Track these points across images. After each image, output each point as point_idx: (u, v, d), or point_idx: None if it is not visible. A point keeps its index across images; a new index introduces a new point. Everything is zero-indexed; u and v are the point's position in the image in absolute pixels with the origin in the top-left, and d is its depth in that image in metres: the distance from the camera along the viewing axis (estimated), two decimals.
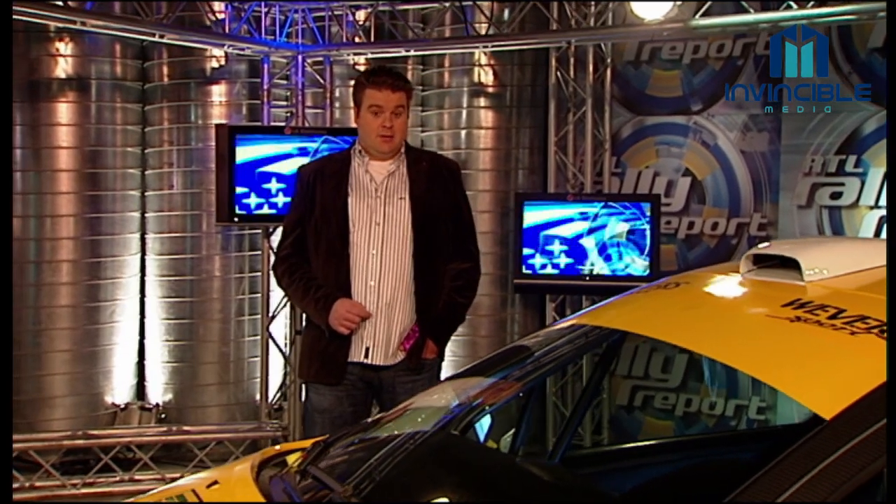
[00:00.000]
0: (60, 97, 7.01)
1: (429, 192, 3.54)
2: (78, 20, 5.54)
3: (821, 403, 1.45)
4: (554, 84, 7.43)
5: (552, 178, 7.53)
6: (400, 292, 3.47)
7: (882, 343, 1.53)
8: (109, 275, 7.20)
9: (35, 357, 7.04)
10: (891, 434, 1.48)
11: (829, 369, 1.59)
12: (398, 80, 3.58)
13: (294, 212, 3.63)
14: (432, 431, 2.12)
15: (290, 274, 3.57)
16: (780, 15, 5.11)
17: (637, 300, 2.24)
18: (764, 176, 7.14)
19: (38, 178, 7.00)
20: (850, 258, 1.87)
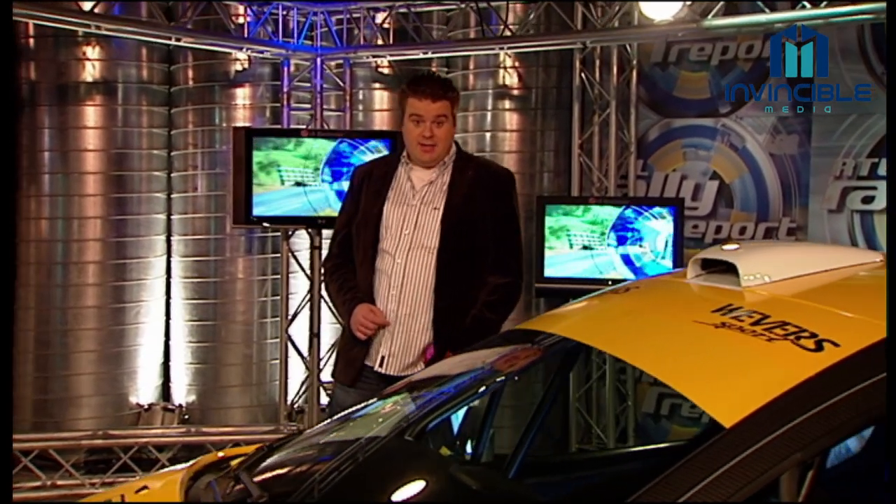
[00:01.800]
0: (88, 101, 7.11)
1: (465, 203, 3.39)
2: (93, 24, 5.60)
3: (722, 411, 1.40)
4: (578, 86, 7.34)
5: (576, 181, 7.44)
6: (422, 303, 3.37)
7: (796, 350, 1.47)
8: (135, 276, 7.28)
9: (62, 357, 7.15)
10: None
11: (737, 377, 1.54)
12: (439, 90, 3.44)
13: (344, 212, 3.63)
14: (368, 438, 2.08)
15: (331, 273, 3.57)
16: (795, 14, 4.98)
17: (589, 306, 2.18)
18: (793, 179, 6.97)
19: (66, 181, 7.11)
20: (791, 263, 1.80)
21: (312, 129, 6.75)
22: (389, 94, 7.52)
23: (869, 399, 1.36)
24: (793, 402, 1.37)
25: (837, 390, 1.37)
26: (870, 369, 1.39)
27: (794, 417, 1.34)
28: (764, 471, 1.31)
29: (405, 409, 2.23)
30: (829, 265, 1.80)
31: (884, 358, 1.40)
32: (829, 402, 1.35)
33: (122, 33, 6.15)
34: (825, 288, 1.75)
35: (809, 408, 1.35)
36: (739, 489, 1.31)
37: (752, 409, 1.38)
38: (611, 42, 6.83)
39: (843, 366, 1.41)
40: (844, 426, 1.35)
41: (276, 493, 1.87)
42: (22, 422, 7.20)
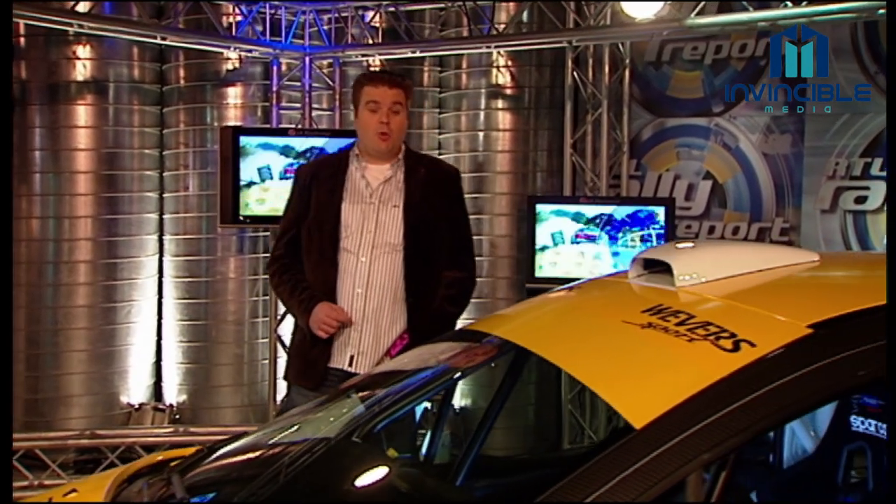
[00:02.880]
0: (79, 100, 7.10)
1: (423, 201, 3.43)
2: (76, 23, 5.59)
3: (634, 412, 1.37)
4: (570, 85, 7.30)
5: (568, 181, 7.40)
6: (388, 301, 3.38)
7: (713, 350, 1.44)
8: (126, 276, 7.27)
9: (53, 356, 7.14)
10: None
11: (653, 378, 1.51)
12: (395, 78, 3.51)
13: (290, 212, 3.54)
14: (314, 439, 2.05)
15: (281, 274, 3.49)
16: (778, 13, 4.92)
17: (530, 307, 2.16)
18: (786, 179, 6.92)
19: (57, 180, 7.10)
20: (725, 264, 1.76)
21: (300, 129, 6.73)
22: None
23: (779, 399, 1.33)
24: (703, 403, 1.34)
25: (748, 391, 1.34)
26: (782, 370, 1.36)
27: (704, 418, 1.32)
28: (671, 472, 1.28)
29: (355, 409, 2.20)
30: (765, 265, 1.77)
31: (797, 358, 1.37)
32: (739, 402, 1.33)
33: (109, 32, 6.14)
34: (755, 288, 1.71)
35: (719, 409, 1.33)
36: (646, 490, 1.29)
37: (664, 409, 1.35)
38: (596, 41, 6.79)
39: (755, 366, 1.38)
40: (753, 427, 1.32)
41: (202, 494, 1.85)
42: (13, 421, 7.21)
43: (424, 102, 7.65)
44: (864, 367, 1.36)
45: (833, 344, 1.39)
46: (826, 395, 1.37)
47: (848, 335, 1.41)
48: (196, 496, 1.89)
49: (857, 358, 1.37)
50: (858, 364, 1.37)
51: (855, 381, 1.38)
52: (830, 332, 1.42)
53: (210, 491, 1.93)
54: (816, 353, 1.38)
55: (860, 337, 1.40)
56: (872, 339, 1.38)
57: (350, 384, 2.50)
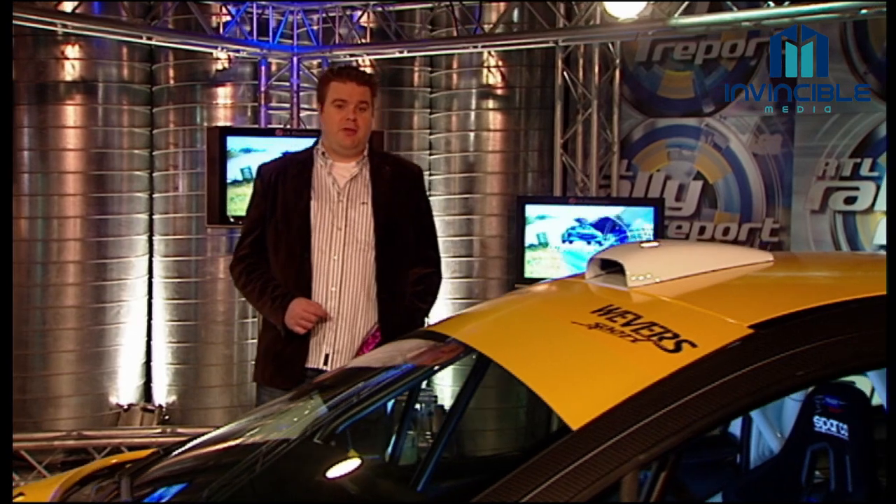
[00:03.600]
0: (68, 100, 7.09)
1: (391, 198, 3.43)
2: (59, 22, 5.57)
3: (571, 413, 1.36)
4: (560, 85, 7.29)
5: (558, 181, 7.39)
6: (361, 298, 3.37)
7: (656, 351, 1.43)
8: (115, 276, 7.26)
9: (41, 357, 7.13)
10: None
11: (594, 378, 1.49)
12: (363, 75, 3.49)
13: (254, 211, 3.49)
14: (274, 441, 2.04)
15: (248, 273, 3.42)
16: (762, 13, 4.91)
17: (489, 308, 2.16)
18: (776, 180, 6.90)
19: (46, 180, 7.09)
20: (678, 264, 1.74)
21: (287, 129, 6.71)
22: None
23: (716, 400, 1.31)
24: (640, 404, 1.33)
25: (685, 392, 1.32)
26: (720, 370, 1.35)
27: (640, 420, 1.30)
28: (605, 473, 1.27)
29: (317, 409, 2.18)
30: (719, 265, 1.75)
31: (736, 359, 1.35)
32: (676, 403, 1.31)
33: (96, 32, 6.13)
34: (704, 288, 1.70)
35: (656, 410, 1.31)
36: (581, 491, 1.27)
37: (601, 411, 1.33)
38: (582, 41, 6.78)
39: (694, 367, 1.36)
40: (690, 427, 1.30)
41: (151, 498, 1.83)
42: None
43: (415, 103, 7.64)
44: (803, 367, 1.35)
45: (772, 344, 1.38)
46: (763, 395, 1.35)
47: (787, 336, 1.39)
48: (145, 500, 1.87)
49: (796, 358, 1.35)
50: (797, 364, 1.35)
51: (793, 381, 1.36)
52: (770, 333, 1.41)
53: (159, 494, 1.91)
54: (755, 354, 1.36)
55: (799, 337, 1.38)
56: (811, 340, 1.37)
57: (313, 384, 2.48)
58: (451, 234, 7.59)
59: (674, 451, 1.30)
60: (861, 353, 1.37)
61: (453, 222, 7.60)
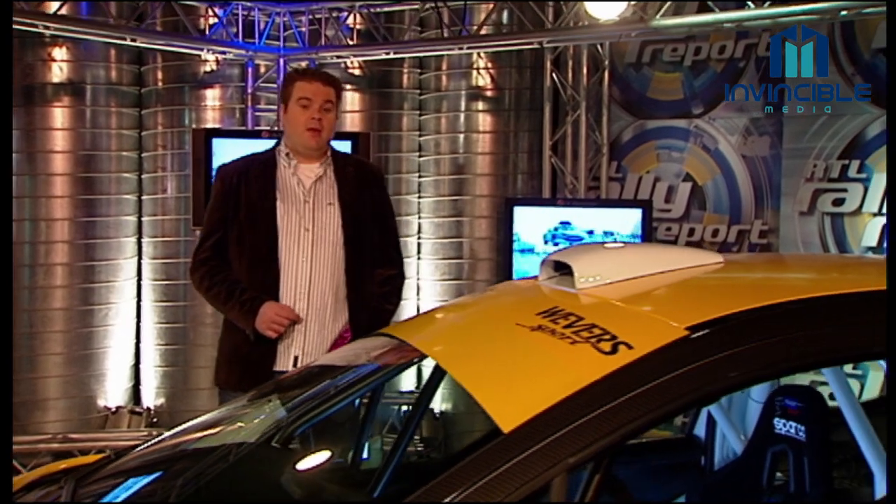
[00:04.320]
0: (55, 102, 7.08)
1: (357, 198, 3.42)
2: (41, 24, 5.56)
3: (504, 415, 1.34)
4: (549, 87, 7.28)
5: (547, 183, 7.37)
6: (330, 299, 3.34)
7: (592, 353, 1.41)
8: (104, 278, 7.24)
9: (29, 360, 7.10)
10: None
11: (529, 380, 1.47)
12: (329, 76, 3.48)
13: (215, 213, 3.41)
14: (229, 444, 2.02)
15: (212, 276, 3.34)
16: (743, 14, 4.89)
17: (445, 310, 2.14)
18: (765, 181, 6.88)
19: (33, 182, 7.08)
20: (627, 265, 1.73)
21: (274, 131, 6.69)
22: (361, 94, 7.47)
23: (648, 402, 1.30)
24: (572, 407, 1.31)
25: (617, 394, 1.31)
26: (653, 372, 1.33)
27: (571, 422, 1.29)
28: (534, 476, 1.26)
29: (278, 412, 2.16)
30: (667, 267, 1.73)
31: (669, 360, 1.34)
32: (608, 406, 1.29)
33: (80, 34, 6.12)
34: (649, 290, 1.68)
35: (588, 412, 1.30)
36: (510, 493, 1.26)
37: (533, 413, 1.32)
38: (566, 42, 6.76)
39: (627, 369, 1.35)
40: (622, 429, 1.28)
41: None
42: None
43: (404, 104, 7.63)
44: (736, 368, 1.33)
45: (706, 346, 1.36)
46: (696, 397, 1.33)
47: (722, 337, 1.38)
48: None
49: (729, 360, 1.34)
50: (730, 366, 1.33)
51: (726, 382, 1.35)
52: (706, 335, 1.39)
53: (106, 499, 1.88)
54: (689, 356, 1.35)
55: (734, 339, 1.36)
56: (747, 341, 1.35)
57: (269, 385, 2.46)
58: (441, 236, 7.59)
59: (607, 453, 1.29)
60: (799, 353, 1.35)
61: (443, 224, 7.58)
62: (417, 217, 7.70)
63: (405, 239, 7.61)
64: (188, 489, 1.80)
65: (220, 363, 3.47)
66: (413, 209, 7.67)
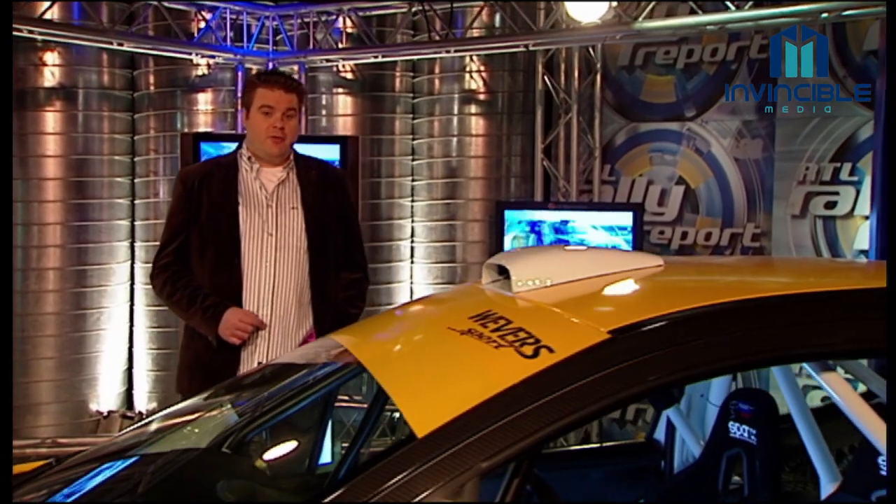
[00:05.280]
0: (47, 106, 7.09)
1: (320, 202, 3.38)
2: (25, 28, 5.57)
3: (420, 420, 1.33)
4: (541, 90, 7.26)
5: (539, 186, 7.36)
6: (293, 304, 3.30)
7: (514, 357, 1.39)
8: (95, 282, 7.25)
9: (21, 364, 7.10)
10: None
11: (449, 385, 1.46)
12: (291, 82, 3.39)
13: (176, 217, 3.35)
14: (178, 450, 2.00)
15: (174, 282, 3.28)
16: (726, 16, 4.86)
17: (388, 314, 2.13)
18: (758, 184, 6.85)
19: (25, 186, 7.09)
20: (566, 268, 1.70)
21: None
22: (353, 98, 7.47)
23: (564, 406, 1.27)
24: (488, 411, 1.29)
25: (533, 399, 1.29)
26: (570, 376, 1.31)
27: (485, 427, 1.27)
28: (446, 481, 1.24)
29: (228, 416, 2.14)
30: (607, 270, 1.71)
31: (587, 364, 1.32)
32: (523, 410, 1.27)
33: (67, 38, 6.13)
34: (581, 294, 1.66)
35: (503, 417, 1.28)
36: (422, 497, 1.25)
37: (448, 418, 1.30)
38: (550, 44, 6.74)
39: (545, 374, 1.33)
40: (536, 434, 1.26)
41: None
42: None
43: (397, 108, 7.61)
44: (654, 372, 1.31)
45: (626, 349, 1.34)
46: (614, 400, 1.31)
47: (641, 341, 1.36)
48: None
49: (647, 363, 1.32)
50: (648, 370, 1.31)
51: (644, 386, 1.32)
52: (625, 338, 1.37)
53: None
54: (609, 359, 1.33)
55: (653, 342, 1.34)
56: (664, 345, 1.33)
57: (221, 387, 2.44)
58: (434, 240, 7.58)
59: (525, 457, 1.27)
60: (715, 357, 1.33)
61: (435, 228, 7.57)
62: (410, 221, 7.69)
63: (398, 243, 7.62)
64: (123, 499, 1.78)
65: (182, 371, 3.42)
66: (406, 213, 7.66)
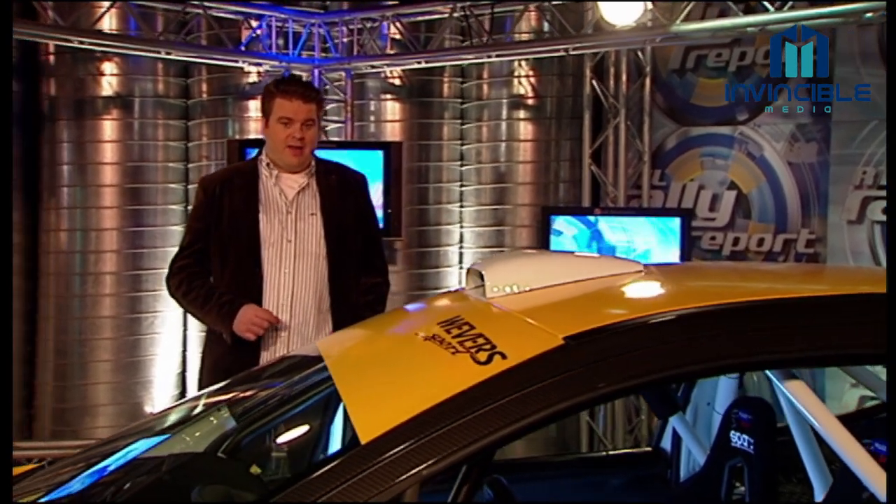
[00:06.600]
0: (105, 115, 7.26)
1: (340, 207, 3.39)
2: (76, 39, 5.72)
3: (365, 426, 1.32)
4: (589, 94, 7.19)
5: (587, 192, 7.29)
6: (312, 310, 3.32)
7: (467, 363, 1.37)
8: (150, 287, 7.38)
9: (80, 366, 7.29)
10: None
11: (399, 391, 1.44)
12: (309, 91, 3.39)
13: (197, 223, 3.41)
14: (173, 453, 2.02)
15: (190, 282, 3.33)
16: (767, 17, 4.74)
17: (372, 321, 2.12)
18: (812, 189, 6.69)
19: (84, 193, 7.27)
20: (541, 274, 1.68)
21: None
22: (401, 104, 7.50)
23: (509, 413, 1.25)
24: (432, 417, 1.28)
25: (480, 405, 1.27)
26: (517, 384, 1.29)
27: (428, 434, 1.26)
28: (386, 487, 1.23)
29: (226, 418, 2.16)
30: (584, 275, 1.68)
31: (537, 371, 1.29)
32: (467, 417, 1.26)
33: (116, 48, 6.28)
34: (550, 300, 1.63)
35: (447, 423, 1.26)
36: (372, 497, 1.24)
37: (393, 424, 1.29)
38: (589, 49, 6.66)
39: (494, 379, 1.31)
40: (479, 441, 1.25)
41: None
42: (41, 430, 7.39)
43: (445, 113, 7.62)
44: (604, 379, 1.28)
45: (577, 356, 1.31)
46: (560, 408, 1.28)
47: (593, 347, 1.33)
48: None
49: (597, 370, 1.29)
50: (598, 377, 1.28)
51: (594, 394, 1.29)
52: (578, 344, 1.34)
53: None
54: (559, 366, 1.30)
55: (605, 349, 1.32)
56: (616, 352, 1.30)
57: (218, 389, 2.45)
58: (482, 246, 7.56)
59: (472, 463, 1.25)
60: (662, 365, 1.29)
61: (483, 233, 7.56)
62: (459, 227, 7.68)
63: (446, 248, 7.62)
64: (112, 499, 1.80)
65: (203, 375, 3.47)
66: (454, 218, 7.66)
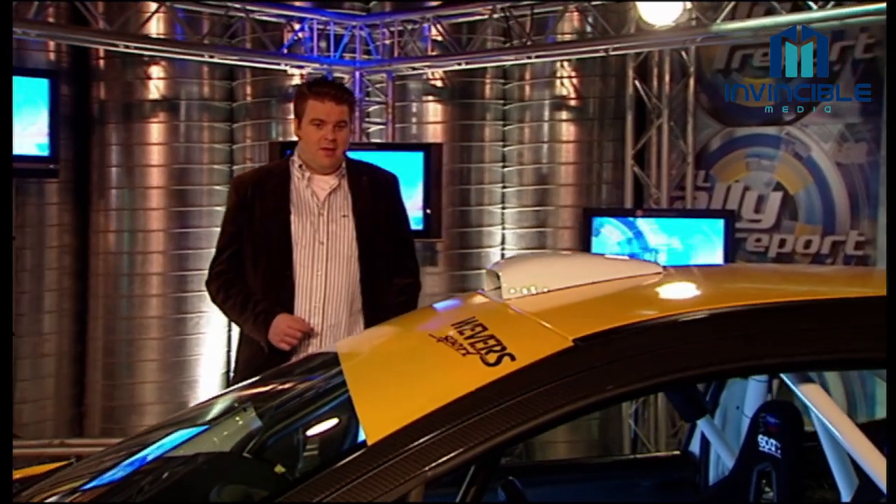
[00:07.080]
0: (152, 118, 7.38)
1: (371, 208, 3.40)
2: (122, 43, 5.82)
3: (372, 427, 1.32)
4: (631, 95, 7.14)
5: (629, 193, 7.23)
6: (344, 312, 3.33)
7: (477, 365, 1.37)
8: (195, 288, 7.46)
9: (127, 365, 7.42)
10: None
11: (408, 392, 1.44)
12: (341, 93, 3.41)
13: (230, 226, 3.44)
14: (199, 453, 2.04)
15: (227, 289, 3.37)
16: (810, 16, 4.66)
17: (391, 321, 2.13)
18: (861, 190, 6.56)
19: (132, 195, 7.40)
20: (558, 276, 1.66)
21: (351, 143, 6.78)
22: (443, 105, 7.51)
23: (515, 416, 1.25)
24: (438, 419, 1.28)
25: (486, 406, 1.27)
26: (525, 385, 1.28)
27: (435, 434, 1.26)
28: (391, 488, 1.23)
29: (251, 419, 2.17)
30: (602, 277, 1.67)
31: (545, 373, 1.28)
32: (473, 418, 1.25)
33: (157, 52, 6.40)
34: (565, 302, 1.62)
35: (453, 425, 1.26)
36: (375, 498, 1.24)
37: (400, 425, 1.29)
38: (629, 49, 6.61)
39: (502, 381, 1.31)
40: (486, 443, 1.24)
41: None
42: (91, 427, 7.53)
43: (486, 115, 7.61)
44: (612, 381, 1.27)
45: (585, 358, 1.30)
46: (568, 410, 1.27)
47: (602, 349, 1.32)
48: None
49: (606, 372, 1.28)
50: (606, 379, 1.27)
51: (602, 396, 1.28)
52: (587, 346, 1.33)
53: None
54: (567, 368, 1.29)
55: (613, 351, 1.30)
56: (625, 354, 1.29)
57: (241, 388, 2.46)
58: (523, 247, 7.53)
59: (479, 465, 1.25)
60: (667, 369, 1.28)
61: (525, 235, 7.54)
62: (501, 228, 7.67)
63: (488, 250, 7.61)
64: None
65: (236, 375, 3.51)
66: (496, 220, 7.65)
